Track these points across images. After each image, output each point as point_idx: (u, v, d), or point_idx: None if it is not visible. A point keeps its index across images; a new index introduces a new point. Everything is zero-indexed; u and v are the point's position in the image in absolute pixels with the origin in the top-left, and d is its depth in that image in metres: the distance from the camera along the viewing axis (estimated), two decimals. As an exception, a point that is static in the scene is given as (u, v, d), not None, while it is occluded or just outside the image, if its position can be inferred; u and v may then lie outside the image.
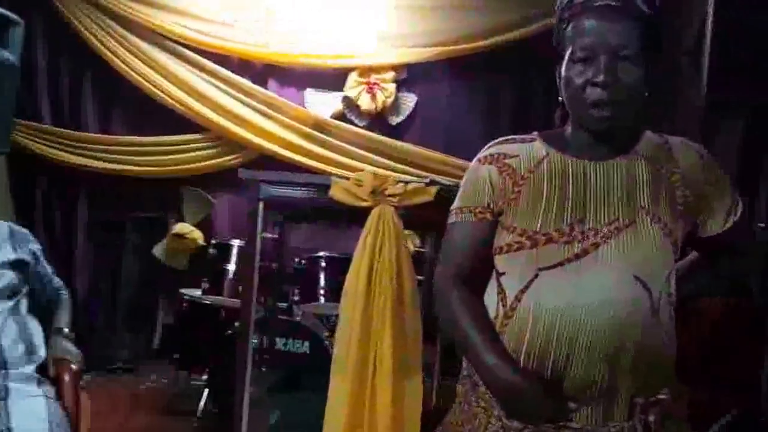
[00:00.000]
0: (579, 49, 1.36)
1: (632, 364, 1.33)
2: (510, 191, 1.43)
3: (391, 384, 2.41)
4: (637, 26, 1.34)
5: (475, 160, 1.52)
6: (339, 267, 3.85)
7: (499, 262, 1.44)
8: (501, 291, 1.43)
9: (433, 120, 4.96)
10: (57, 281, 2.55)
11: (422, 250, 3.98)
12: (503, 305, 1.41)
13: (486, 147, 1.52)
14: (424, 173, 4.63)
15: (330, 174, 4.58)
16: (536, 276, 1.36)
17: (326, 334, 3.87)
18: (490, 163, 1.47)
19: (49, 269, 2.51)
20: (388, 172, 4.49)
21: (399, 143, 4.86)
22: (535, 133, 1.51)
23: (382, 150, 4.82)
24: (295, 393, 3.47)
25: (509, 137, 1.52)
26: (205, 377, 3.75)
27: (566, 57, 1.39)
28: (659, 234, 1.36)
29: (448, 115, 4.96)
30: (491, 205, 1.45)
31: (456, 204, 1.52)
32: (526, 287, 1.37)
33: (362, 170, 4.52)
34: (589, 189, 1.39)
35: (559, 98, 1.45)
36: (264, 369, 3.40)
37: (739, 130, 2.94)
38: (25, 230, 2.43)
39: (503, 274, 1.43)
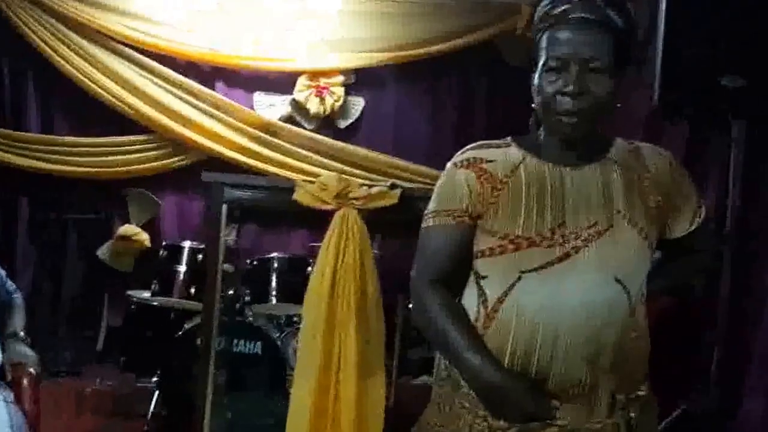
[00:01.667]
0: (551, 58, 1.38)
1: (612, 363, 1.37)
2: (489, 195, 1.43)
3: (356, 383, 2.42)
4: (610, 39, 1.37)
5: (450, 164, 1.51)
6: (290, 267, 3.84)
7: (481, 265, 1.45)
8: (482, 294, 1.43)
9: (381, 123, 4.99)
10: (10, 284, 2.49)
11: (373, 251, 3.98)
12: (484, 308, 1.42)
13: (461, 152, 1.52)
14: (371, 175, 4.66)
15: (278, 177, 4.57)
16: (519, 278, 1.37)
17: (277, 334, 3.85)
18: (467, 168, 1.46)
19: (2, 272, 2.44)
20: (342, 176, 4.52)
21: (347, 146, 4.85)
22: (509, 138, 1.52)
23: (331, 153, 4.80)
24: (248, 392, 3.44)
25: (484, 142, 1.51)
26: (155, 379, 3.65)
27: (539, 66, 1.41)
28: (636, 237, 1.40)
29: (394, 118, 5.01)
30: (470, 209, 1.44)
31: (432, 207, 1.50)
32: (509, 289, 1.38)
33: (311, 173, 4.57)
34: (568, 194, 1.41)
35: (532, 105, 1.47)
36: (217, 369, 3.35)
37: (683, 136, 3.03)
38: (-23, 235, 2.34)
39: (485, 277, 1.43)
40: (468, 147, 1.52)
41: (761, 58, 2.33)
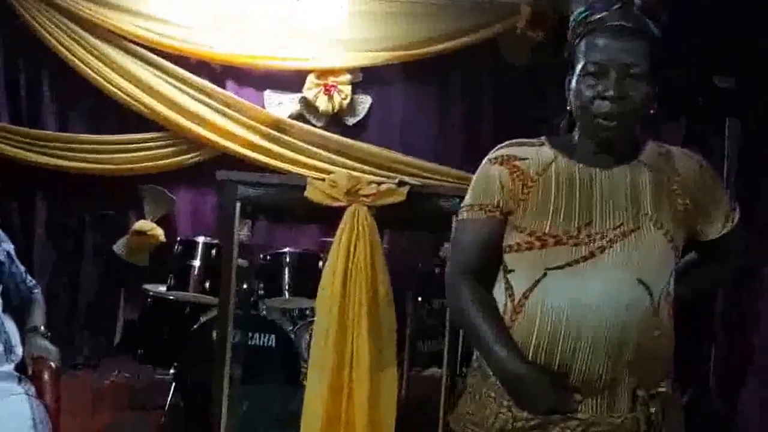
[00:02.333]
0: (590, 63, 1.39)
1: (633, 360, 1.38)
2: (520, 192, 1.45)
3: (368, 376, 2.41)
4: (646, 46, 1.38)
5: (485, 160, 1.54)
6: (303, 262, 3.85)
7: (509, 260, 1.47)
8: (509, 287, 1.46)
9: (387, 121, 5.01)
10: (30, 280, 2.49)
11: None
12: (511, 301, 1.44)
13: (496, 148, 1.54)
14: (378, 171, 4.68)
15: (288, 172, 4.58)
16: (544, 275, 1.39)
17: (290, 327, 3.85)
18: (501, 164, 1.49)
19: (22, 269, 2.45)
20: (350, 172, 4.52)
21: (355, 143, 4.87)
22: (543, 137, 1.53)
23: (339, 149, 4.82)
24: (262, 385, 3.44)
25: (518, 140, 1.53)
26: (171, 372, 3.66)
27: (577, 70, 1.41)
28: (662, 239, 1.41)
29: (400, 116, 5.03)
30: (501, 205, 1.47)
31: (466, 201, 1.54)
32: (534, 285, 1.40)
33: (320, 169, 4.58)
34: (596, 194, 1.42)
35: (567, 107, 1.48)
36: (232, 362, 3.35)
37: (680, 133, 3.02)
38: (-2, 231, 2.34)
39: (512, 271, 1.46)
40: (503, 144, 1.54)
41: (753, 60, 2.38)
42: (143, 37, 4.61)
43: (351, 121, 4.94)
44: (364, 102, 4.96)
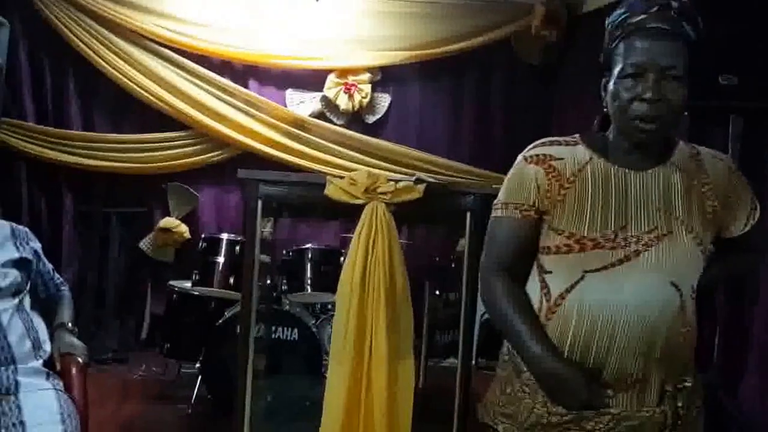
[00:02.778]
0: (629, 65, 1.38)
1: (662, 356, 1.40)
2: (556, 193, 1.45)
3: (386, 368, 2.41)
4: (683, 49, 1.38)
5: (520, 158, 1.52)
6: (324, 258, 3.85)
7: (547, 261, 1.47)
8: (545, 287, 1.47)
9: (405, 119, 5.03)
10: (57, 278, 2.50)
11: (402, 241, 3.98)
12: (546, 300, 1.45)
13: (531, 147, 1.52)
14: (399, 168, 4.70)
15: (310, 170, 4.59)
16: (582, 277, 1.40)
17: (313, 321, 3.86)
18: (536, 164, 1.47)
19: (49, 266, 2.46)
20: (369, 169, 4.50)
21: (374, 140, 4.89)
22: (577, 135, 1.52)
23: (359, 147, 4.85)
24: (286, 377, 3.45)
25: (553, 138, 1.52)
26: (197, 365, 3.68)
27: (615, 72, 1.41)
28: (692, 243, 1.42)
29: (418, 114, 5.05)
30: (537, 204, 1.47)
31: (501, 198, 1.53)
32: (572, 287, 1.41)
33: (341, 166, 4.59)
34: (630, 197, 1.42)
35: (604, 108, 1.47)
36: (256, 355, 3.37)
37: (684, 130, 2.98)
38: (25, 229, 2.37)
39: (549, 272, 1.47)
40: (537, 142, 1.53)
41: (756, 58, 2.42)
42: (167, 37, 4.66)
43: (371, 119, 4.97)
44: (384, 100, 4.98)
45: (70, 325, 2.36)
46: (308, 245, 3.89)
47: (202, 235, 3.99)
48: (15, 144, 4.52)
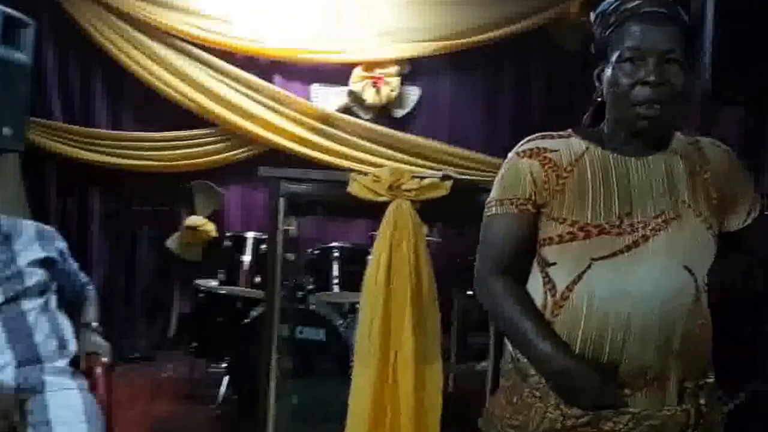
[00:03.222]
0: (627, 50, 1.37)
1: (681, 349, 1.36)
2: (554, 183, 1.43)
3: (413, 371, 2.42)
4: (680, 32, 1.37)
5: (512, 153, 1.51)
6: (351, 257, 3.87)
7: (549, 252, 1.44)
8: (549, 281, 1.43)
9: (436, 112, 4.99)
10: (83, 277, 2.56)
11: (431, 239, 3.97)
12: (552, 295, 1.42)
13: (523, 142, 1.51)
14: (427, 163, 4.68)
15: (337, 166, 4.62)
16: (589, 266, 1.37)
17: (340, 321, 3.88)
18: (530, 157, 1.46)
19: (75, 266, 2.52)
20: (397, 164, 4.53)
21: (403, 135, 4.87)
22: (569, 129, 1.51)
23: (388, 142, 4.84)
24: (312, 378, 3.49)
25: (545, 133, 1.51)
26: (224, 365, 3.75)
27: (613, 59, 1.40)
28: (702, 227, 1.39)
29: (450, 107, 5.01)
30: (533, 197, 1.45)
31: (495, 196, 1.51)
32: (579, 277, 1.38)
33: (369, 162, 4.60)
34: (633, 183, 1.40)
35: (598, 99, 1.47)
36: (282, 356, 3.41)
37: (739, 118, 2.94)
38: (51, 229, 2.43)
39: (553, 264, 1.43)
40: (529, 138, 1.52)
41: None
42: (191, 33, 4.72)
43: (399, 113, 4.95)
44: (413, 94, 4.95)
45: (95, 324, 2.43)
46: (335, 243, 3.91)
47: (227, 233, 4.05)
48: (43, 144, 4.63)
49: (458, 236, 4.60)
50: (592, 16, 1.48)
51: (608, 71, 1.41)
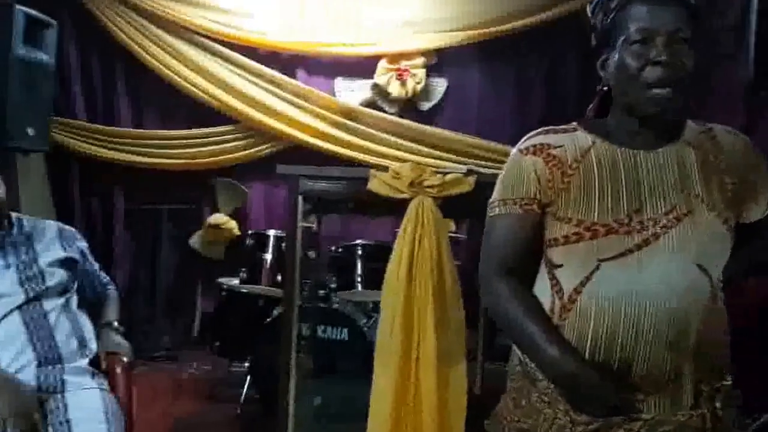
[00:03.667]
0: (635, 32, 1.35)
1: (695, 351, 1.34)
2: (559, 182, 1.41)
3: (435, 372, 2.42)
4: (687, 14, 1.36)
5: (515, 151, 1.49)
6: (375, 254, 3.89)
7: (555, 254, 1.43)
8: (556, 284, 1.42)
9: (464, 104, 4.95)
10: (104, 277, 2.62)
11: (458, 235, 3.98)
12: (559, 298, 1.40)
13: (526, 138, 1.50)
14: (455, 157, 4.66)
15: (362, 161, 4.63)
16: (597, 267, 1.35)
17: (364, 320, 3.91)
18: (534, 154, 1.45)
19: (96, 266, 2.57)
20: (422, 159, 4.53)
21: (430, 129, 4.85)
22: (574, 123, 1.49)
23: (413, 136, 4.82)
24: (335, 378, 3.52)
25: (549, 128, 1.49)
26: (246, 364, 3.80)
27: (619, 42, 1.38)
28: (716, 221, 1.37)
29: (478, 98, 4.95)
30: (538, 196, 1.43)
31: (498, 196, 1.49)
32: (587, 279, 1.36)
33: (394, 157, 4.60)
34: (642, 178, 1.39)
35: (604, 89, 1.45)
36: (305, 355, 3.45)
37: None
38: (72, 229, 2.49)
39: (559, 266, 1.42)
40: (532, 133, 1.51)
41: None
42: (212, 29, 4.78)
43: (425, 106, 4.92)
44: (439, 86, 4.92)
45: (116, 323, 2.49)
46: (359, 241, 3.94)
47: (249, 231, 4.10)
48: (67, 143, 4.72)
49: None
50: (589, 7, 1.47)
51: (615, 56, 1.39)
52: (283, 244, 3.81)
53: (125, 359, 2.36)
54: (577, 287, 1.37)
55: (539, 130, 1.50)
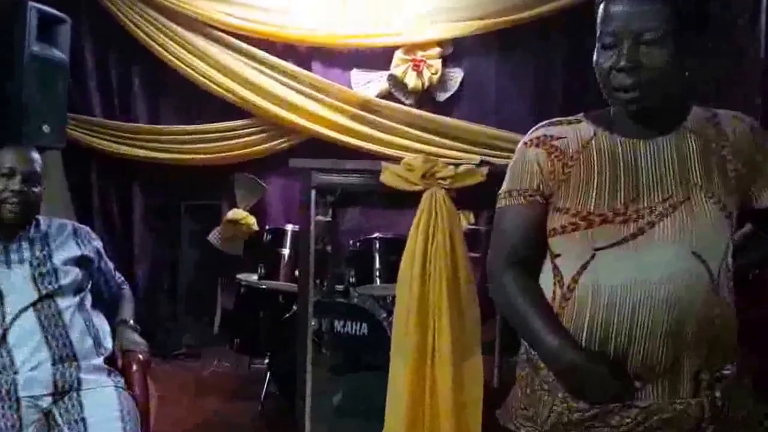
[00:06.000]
0: (605, 34, 1.38)
1: (694, 339, 1.35)
2: (560, 173, 1.45)
3: (451, 365, 2.44)
4: (664, 9, 1.34)
5: (521, 143, 1.55)
6: (393, 248, 3.89)
7: (555, 243, 1.47)
8: (557, 273, 1.46)
9: (481, 94, 4.90)
10: (118, 276, 2.66)
11: (477, 227, 3.97)
12: (560, 287, 1.45)
13: (532, 130, 1.55)
14: (473, 149, 4.63)
15: (379, 153, 4.62)
16: (593, 256, 1.39)
17: (384, 315, 3.92)
18: (537, 146, 1.49)
19: (111, 265, 2.61)
20: (441, 150, 4.51)
21: (447, 119, 4.81)
22: (581, 114, 1.53)
23: (430, 127, 4.79)
24: (356, 374, 3.53)
25: (555, 120, 1.53)
26: (266, 361, 3.82)
27: (597, 41, 1.41)
28: (714, 209, 1.38)
29: (495, 89, 4.90)
30: (541, 188, 1.48)
31: (504, 188, 1.55)
32: (584, 268, 1.40)
33: (411, 148, 4.59)
34: (641, 167, 1.41)
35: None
36: (324, 351, 3.45)
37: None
38: (87, 228, 2.53)
39: (558, 255, 1.46)
40: (539, 125, 1.55)
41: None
42: (228, 23, 4.78)
43: (442, 96, 4.88)
44: (456, 76, 4.88)
45: (131, 321, 2.52)
46: (377, 235, 3.94)
47: (267, 227, 4.11)
48: (84, 140, 4.77)
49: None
50: None
51: (594, 54, 1.43)
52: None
53: (141, 356, 2.39)
54: (575, 276, 1.42)
55: (546, 121, 1.55)
